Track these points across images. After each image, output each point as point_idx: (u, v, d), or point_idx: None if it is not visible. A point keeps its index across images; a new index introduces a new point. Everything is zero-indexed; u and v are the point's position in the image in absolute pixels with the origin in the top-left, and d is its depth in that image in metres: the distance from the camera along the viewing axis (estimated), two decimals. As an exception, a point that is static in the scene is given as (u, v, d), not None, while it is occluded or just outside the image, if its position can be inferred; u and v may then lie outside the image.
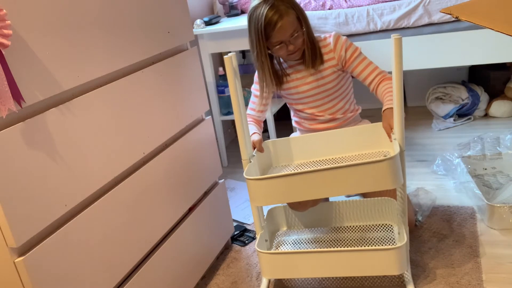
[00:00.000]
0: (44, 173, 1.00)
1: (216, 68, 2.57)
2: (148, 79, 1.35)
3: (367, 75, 1.62)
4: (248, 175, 1.39)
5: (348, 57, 1.63)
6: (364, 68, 1.63)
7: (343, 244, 1.61)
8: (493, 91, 2.66)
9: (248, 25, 1.58)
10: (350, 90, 1.77)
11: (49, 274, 1.01)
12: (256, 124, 1.72)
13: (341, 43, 1.64)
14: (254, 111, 1.74)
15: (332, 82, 1.68)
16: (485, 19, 1.11)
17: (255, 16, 1.52)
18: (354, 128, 1.57)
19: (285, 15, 1.50)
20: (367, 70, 1.62)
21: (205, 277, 1.69)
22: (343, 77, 1.71)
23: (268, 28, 1.51)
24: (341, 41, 1.64)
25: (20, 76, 0.93)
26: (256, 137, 1.58)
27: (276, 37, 1.53)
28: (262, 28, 1.51)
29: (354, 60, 1.63)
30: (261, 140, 1.58)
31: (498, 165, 2.01)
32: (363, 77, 1.63)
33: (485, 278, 1.45)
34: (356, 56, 1.64)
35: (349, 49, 1.64)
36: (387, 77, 1.60)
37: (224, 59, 1.40)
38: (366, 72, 1.62)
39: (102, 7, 1.17)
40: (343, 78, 1.71)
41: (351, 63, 1.64)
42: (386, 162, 1.25)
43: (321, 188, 1.31)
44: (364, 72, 1.63)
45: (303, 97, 1.72)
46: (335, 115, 1.73)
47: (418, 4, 2.39)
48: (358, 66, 1.63)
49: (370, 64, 1.63)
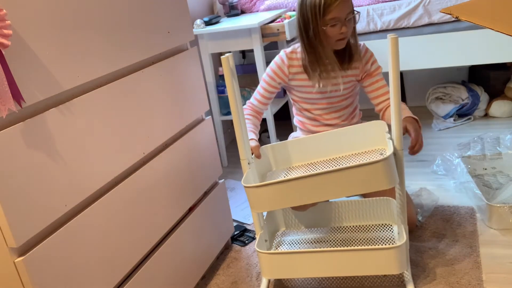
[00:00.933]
0: (44, 173, 1.00)
1: (216, 68, 2.57)
2: (148, 79, 1.35)
3: (380, 95, 1.66)
4: (246, 182, 1.40)
5: (372, 71, 1.66)
6: (379, 87, 1.66)
7: (343, 244, 1.61)
8: (493, 91, 2.66)
9: (300, 2, 1.55)
10: (357, 99, 1.79)
11: (49, 274, 1.01)
12: (255, 119, 1.71)
13: (369, 55, 1.66)
14: (258, 102, 1.73)
15: (348, 89, 1.70)
16: (485, 19, 1.11)
17: None
18: (350, 128, 1.58)
19: None
20: (381, 90, 1.66)
21: (205, 277, 1.70)
22: (356, 87, 1.73)
23: (329, 1, 1.48)
24: (369, 54, 1.66)
25: (20, 76, 0.93)
26: (253, 143, 1.57)
27: (334, 13, 1.50)
28: (322, 2, 1.48)
29: (375, 76, 1.66)
30: (258, 146, 1.58)
31: (498, 165, 2.01)
32: (376, 95, 1.66)
33: (485, 278, 1.45)
34: (378, 73, 1.67)
35: (374, 64, 1.66)
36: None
37: (221, 60, 1.40)
38: (379, 92, 1.66)
39: (102, 7, 1.17)
40: (356, 87, 1.73)
41: (371, 78, 1.66)
42: (380, 163, 1.25)
43: (318, 192, 1.32)
44: (378, 92, 1.66)
45: (315, 98, 1.71)
46: (340, 120, 1.74)
47: (418, 4, 2.39)
48: (375, 84, 1.66)
49: (384, 87, 1.66)
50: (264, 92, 1.73)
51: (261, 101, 1.73)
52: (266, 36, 2.38)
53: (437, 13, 2.38)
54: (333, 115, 1.74)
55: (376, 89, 1.66)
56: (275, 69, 1.70)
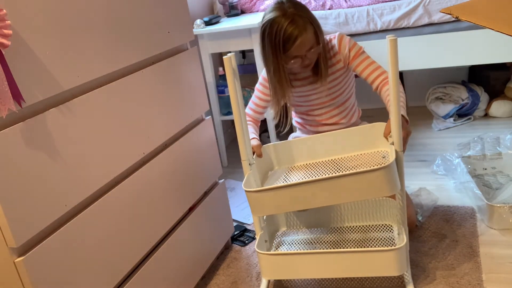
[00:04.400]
0: (44, 173, 1.00)
1: (216, 68, 2.57)
2: (148, 79, 1.35)
3: (369, 72, 1.62)
4: (247, 186, 1.39)
5: (353, 55, 1.63)
6: (367, 66, 1.62)
7: (343, 245, 1.61)
8: (493, 91, 2.66)
9: (261, 37, 1.55)
10: (353, 93, 1.78)
11: (49, 274, 1.01)
12: (254, 124, 1.71)
13: (345, 43, 1.64)
14: (253, 112, 1.73)
15: (339, 85, 1.69)
16: (485, 19, 1.11)
17: (273, 30, 1.49)
18: (353, 129, 1.58)
19: (304, 31, 1.48)
20: (369, 68, 1.62)
21: (205, 277, 1.70)
22: (348, 78, 1.71)
23: (287, 43, 1.49)
24: (345, 41, 1.64)
25: (20, 76, 0.93)
26: (255, 142, 1.57)
27: (293, 52, 1.51)
28: (281, 42, 1.49)
29: (357, 57, 1.63)
30: (260, 145, 1.58)
31: (498, 165, 2.01)
32: (366, 74, 1.63)
33: (485, 278, 1.45)
34: (360, 54, 1.64)
35: (352, 48, 1.64)
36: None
37: (223, 60, 1.40)
38: (368, 70, 1.62)
39: (102, 7, 1.17)
40: (348, 80, 1.72)
41: (354, 61, 1.63)
42: (382, 171, 1.24)
43: (318, 198, 1.32)
44: (367, 70, 1.62)
45: (311, 104, 1.72)
46: (339, 120, 1.74)
47: (418, 4, 2.39)
48: (361, 64, 1.63)
49: (373, 63, 1.63)
50: (258, 101, 1.72)
51: (257, 110, 1.73)
52: (266, 36, 2.38)
53: (437, 13, 2.38)
54: (331, 114, 1.73)
55: (365, 67, 1.62)
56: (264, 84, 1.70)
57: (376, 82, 1.61)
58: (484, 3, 1.20)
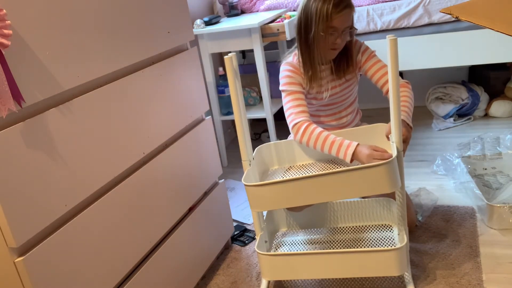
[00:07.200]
0: (44, 173, 1.00)
1: (216, 68, 2.57)
2: (148, 79, 1.35)
3: (382, 75, 1.61)
4: (247, 180, 1.39)
5: (364, 60, 1.64)
6: (379, 69, 1.62)
7: (343, 245, 1.61)
8: (493, 91, 2.66)
9: (306, 3, 1.54)
10: (356, 96, 1.78)
11: (49, 274, 1.01)
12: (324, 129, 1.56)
13: (358, 47, 1.65)
14: (309, 115, 1.58)
15: (351, 86, 1.69)
16: (485, 19, 1.11)
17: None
18: (355, 129, 1.58)
19: (350, 7, 1.52)
20: (382, 71, 1.61)
21: (205, 277, 1.69)
22: (356, 80, 1.72)
23: (334, 10, 1.49)
24: (357, 46, 1.65)
25: (20, 76, 0.93)
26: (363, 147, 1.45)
27: (335, 22, 1.50)
28: (330, 7, 1.49)
29: (369, 61, 1.63)
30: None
31: (498, 165, 2.01)
32: (378, 77, 1.62)
33: (485, 278, 1.45)
34: (372, 56, 1.64)
35: (365, 52, 1.65)
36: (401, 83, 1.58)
37: (224, 60, 1.40)
38: (381, 73, 1.61)
39: (102, 7, 1.17)
40: (356, 82, 1.72)
41: (365, 64, 1.64)
42: (383, 167, 1.25)
43: (318, 194, 1.32)
44: (379, 73, 1.61)
45: (321, 105, 1.71)
46: (344, 121, 1.75)
47: (418, 4, 2.39)
48: (372, 67, 1.63)
49: (384, 67, 1.62)
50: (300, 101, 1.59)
51: (307, 110, 1.59)
52: (266, 36, 2.38)
53: (437, 13, 2.38)
54: (339, 115, 1.73)
55: (376, 71, 1.62)
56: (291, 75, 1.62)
57: (386, 86, 1.60)
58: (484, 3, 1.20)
